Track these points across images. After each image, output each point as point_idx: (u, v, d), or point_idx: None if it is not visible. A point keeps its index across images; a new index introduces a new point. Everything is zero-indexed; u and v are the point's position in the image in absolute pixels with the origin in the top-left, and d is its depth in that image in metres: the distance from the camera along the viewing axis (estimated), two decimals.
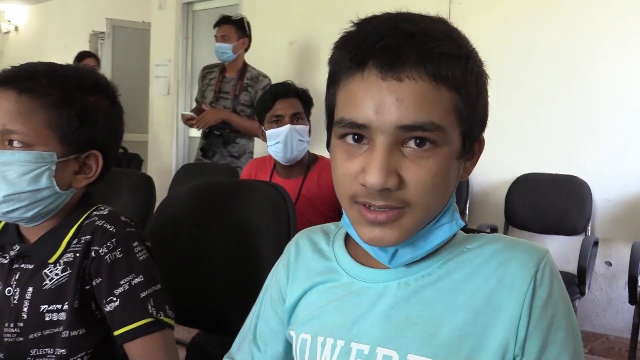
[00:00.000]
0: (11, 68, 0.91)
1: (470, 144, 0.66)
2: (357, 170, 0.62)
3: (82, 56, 4.25)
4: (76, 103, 0.92)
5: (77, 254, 0.92)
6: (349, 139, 0.63)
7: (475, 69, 0.63)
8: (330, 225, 0.83)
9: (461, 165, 0.66)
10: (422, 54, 0.58)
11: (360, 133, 0.62)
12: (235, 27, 3.21)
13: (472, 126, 0.64)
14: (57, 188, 0.91)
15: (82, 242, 0.92)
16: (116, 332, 0.89)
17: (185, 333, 1.73)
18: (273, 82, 2.04)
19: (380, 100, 0.59)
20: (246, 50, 3.32)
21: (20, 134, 0.87)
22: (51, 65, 0.94)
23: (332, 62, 0.66)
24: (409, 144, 0.60)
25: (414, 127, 0.59)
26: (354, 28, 0.64)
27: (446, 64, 0.59)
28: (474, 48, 0.65)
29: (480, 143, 0.70)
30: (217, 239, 1.28)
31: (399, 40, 0.59)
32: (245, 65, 3.30)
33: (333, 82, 0.66)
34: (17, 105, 0.87)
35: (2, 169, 0.86)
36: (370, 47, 0.59)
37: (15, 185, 0.87)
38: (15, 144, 0.87)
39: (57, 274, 0.91)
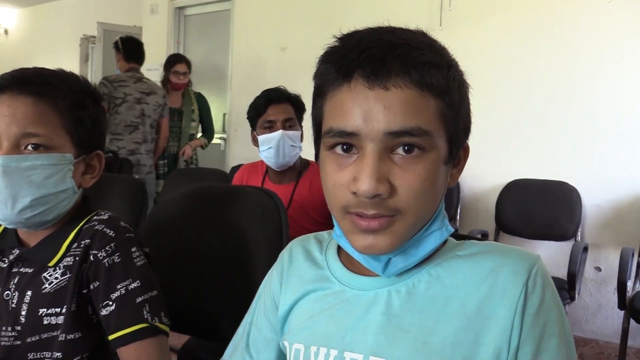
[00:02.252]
0: (18, 72, 0.92)
1: (456, 149, 0.67)
2: (348, 180, 0.63)
3: (175, 60, 3.80)
4: (86, 106, 0.96)
5: (77, 258, 0.92)
6: (338, 149, 0.64)
7: (457, 77, 0.65)
8: (324, 234, 0.84)
9: (448, 171, 0.68)
10: (406, 62, 0.60)
11: (349, 142, 0.63)
12: (115, 50, 3.68)
13: (457, 132, 0.66)
14: (76, 189, 0.94)
15: (82, 246, 0.92)
16: (111, 337, 0.89)
17: (176, 339, 1.72)
18: (265, 88, 2.04)
19: (368, 109, 0.60)
20: (135, 61, 3.59)
21: (42, 136, 0.89)
22: (55, 71, 0.97)
23: (318, 75, 0.67)
24: (397, 151, 0.62)
25: (402, 133, 0.60)
26: (337, 43, 0.65)
27: (430, 71, 0.61)
28: (454, 58, 0.67)
29: (465, 150, 0.72)
30: (208, 245, 1.27)
31: (383, 50, 0.60)
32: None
33: (320, 95, 0.67)
34: (37, 109, 0.89)
35: (28, 174, 0.87)
36: (356, 58, 0.61)
37: (42, 189, 0.89)
38: (33, 147, 0.88)
39: (56, 278, 0.91)
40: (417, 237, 0.67)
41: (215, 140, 4.28)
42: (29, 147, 0.88)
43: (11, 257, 0.95)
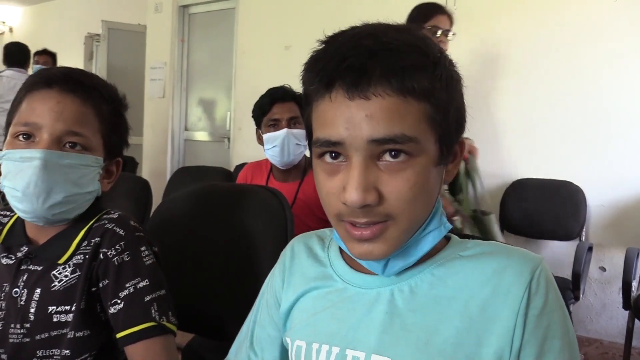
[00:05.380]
0: (64, 70, 0.95)
1: (448, 148, 0.66)
2: (338, 189, 0.63)
3: (435, 9, 2.80)
4: (122, 115, 1.01)
5: (87, 256, 0.93)
6: (327, 157, 0.64)
7: (444, 75, 0.63)
8: (326, 231, 0.84)
9: (442, 170, 0.67)
10: (386, 70, 0.59)
11: (336, 150, 0.63)
12: None
13: (448, 131, 0.65)
14: (100, 191, 0.97)
15: (92, 244, 0.93)
16: (118, 335, 0.89)
17: (180, 337, 1.72)
18: (269, 86, 2.03)
19: (351, 117, 0.60)
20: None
21: (84, 137, 0.92)
22: (94, 75, 1.00)
23: (304, 83, 0.68)
24: (384, 157, 0.61)
25: (386, 141, 0.60)
26: (321, 47, 0.65)
27: (411, 76, 0.60)
28: (442, 53, 0.65)
29: (461, 144, 0.70)
30: (213, 243, 1.27)
31: (362, 58, 0.60)
32: None
33: (307, 103, 0.68)
34: (83, 110, 0.92)
35: (66, 171, 0.90)
36: (335, 68, 0.61)
37: (75, 187, 0.91)
38: (71, 146, 0.91)
39: (66, 276, 0.92)
40: (415, 238, 0.67)
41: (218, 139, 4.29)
42: (68, 145, 0.90)
43: (19, 254, 0.95)
